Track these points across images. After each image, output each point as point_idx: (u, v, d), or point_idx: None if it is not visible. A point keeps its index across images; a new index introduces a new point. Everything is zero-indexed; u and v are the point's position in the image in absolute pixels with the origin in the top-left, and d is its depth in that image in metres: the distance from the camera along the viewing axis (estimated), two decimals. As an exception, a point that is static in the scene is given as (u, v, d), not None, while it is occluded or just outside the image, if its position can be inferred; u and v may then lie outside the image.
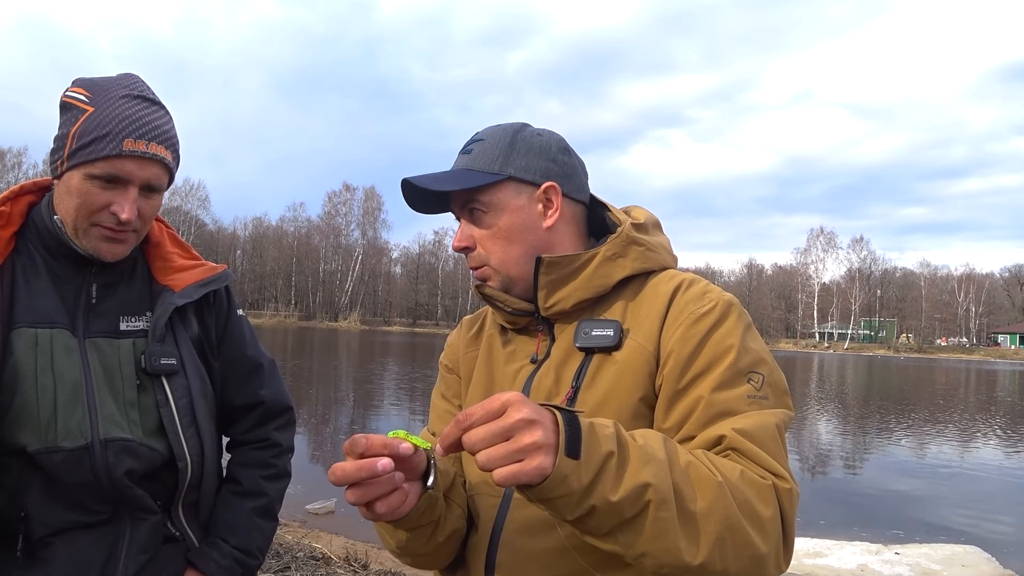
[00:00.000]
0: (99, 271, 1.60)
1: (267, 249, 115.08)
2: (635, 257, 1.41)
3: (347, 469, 1.07)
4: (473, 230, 1.42)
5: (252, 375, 1.81)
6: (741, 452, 1.17)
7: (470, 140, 1.44)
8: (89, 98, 1.50)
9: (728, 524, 1.08)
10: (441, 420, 1.56)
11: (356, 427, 14.38)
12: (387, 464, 1.05)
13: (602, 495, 1.01)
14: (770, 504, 1.14)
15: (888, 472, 12.07)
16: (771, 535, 1.13)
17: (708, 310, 1.31)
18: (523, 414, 0.97)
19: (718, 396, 1.23)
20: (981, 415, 21.84)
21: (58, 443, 1.47)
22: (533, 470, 0.96)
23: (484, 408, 0.99)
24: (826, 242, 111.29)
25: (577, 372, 1.35)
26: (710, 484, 1.09)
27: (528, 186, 1.41)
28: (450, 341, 1.65)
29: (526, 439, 0.96)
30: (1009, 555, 7.17)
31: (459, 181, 1.38)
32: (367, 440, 1.08)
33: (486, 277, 1.43)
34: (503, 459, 0.96)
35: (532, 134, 1.44)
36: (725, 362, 1.25)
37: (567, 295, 1.38)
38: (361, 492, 1.09)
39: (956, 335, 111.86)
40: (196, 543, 1.68)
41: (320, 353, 38.55)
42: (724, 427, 1.20)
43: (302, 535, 5.75)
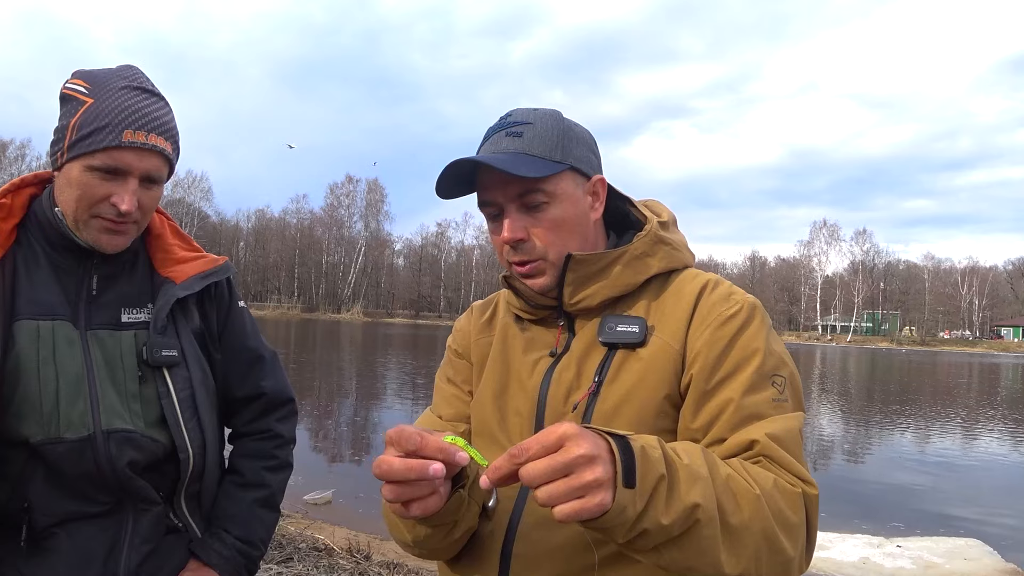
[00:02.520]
0: (100, 263, 1.60)
1: (270, 241, 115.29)
2: (662, 256, 1.41)
3: (395, 467, 1.04)
4: (527, 221, 1.35)
5: (253, 367, 1.82)
6: (772, 458, 1.20)
7: (512, 122, 1.37)
8: (88, 90, 1.50)
9: (765, 535, 1.11)
10: (448, 404, 1.53)
11: (359, 419, 14.41)
12: (439, 470, 1.02)
13: (654, 519, 1.01)
14: (799, 511, 1.17)
15: (889, 465, 12.08)
16: (799, 540, 1.16)
17: (735, 312, 1.32)
18: (583, 450, 0.95)
19: (747, 400, 1.24)
20: (983, 408, 21.82)
21: (60, 434, 1.48)
22: (595, 507, 0.95)
23: (540, 443, 0.96)
24: (829, 234, 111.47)
25: (600, 366, 1.34)
26: (749, 497, 1.11)
27: (582, 178, 1.38)
28: (460, 325, 1.62)
29: (587, 476, 0.95)
30: (1011, 548, 7.17)
31: (532, 167, 1.30)
32: (421, 439, 1.04)
33: (539, 272, 1.38)
34: (565, 496, 0.94)
35: (573, 123, 1.41)
36: (752, 365, 1.27)
37: (594, 292, 1.37)
38: (401, 491, 1.07)
39: (959, 328, 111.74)
40: (199, 534, 1.68)
41: (323, 345, 38.60)
42: (755, 432, 1.22)
43: (304, 526, 5.76)
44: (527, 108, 1.40)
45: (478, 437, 1.44)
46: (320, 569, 4.57)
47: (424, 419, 1.55)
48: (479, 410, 1.46)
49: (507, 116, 1.39)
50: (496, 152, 1.34)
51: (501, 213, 1.36)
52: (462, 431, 1.47)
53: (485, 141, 1.38)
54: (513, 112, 1.40)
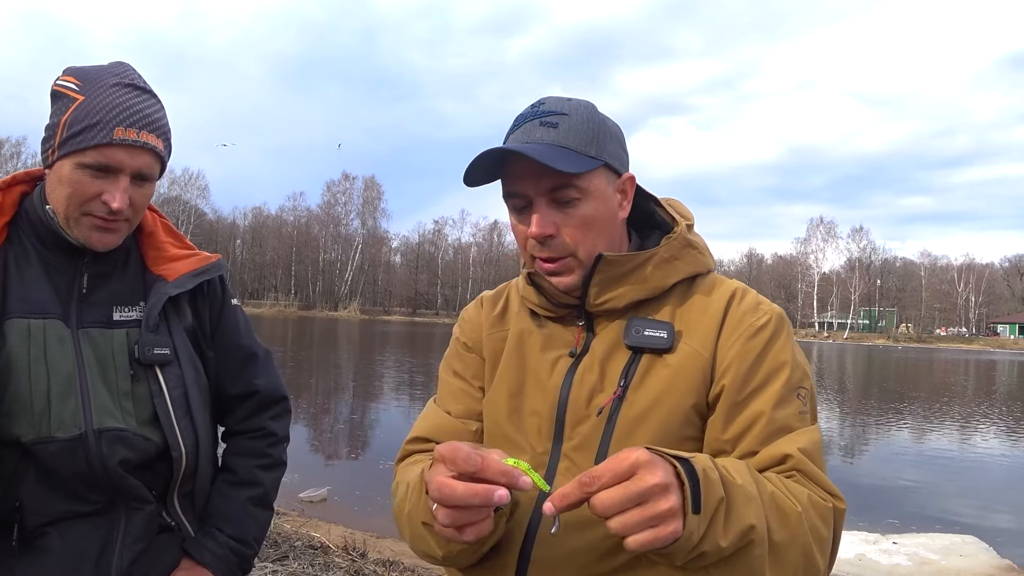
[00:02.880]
0: (92, 261, 1.59)
1: (267, 239, 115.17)
2: (689, 260, 1.39)
3: (458, 492, 1.00)
4: (557, 216, 1.30)
5: (246, 365, 1.81)
6: (805, 473, 1.21)
7: (546, 111, 1.31)
8: (79, 87, 1.49)
9: (804, 551, 1.13)
10: (456, 399, 1.49)
11: (355, 416, 14.40)
12: (504, 497, 0.98)
13: (714, 541, 1.01)
14: (829, 525, 1.19)
15: (885, 461, 12.10)
16: (827, 553, 1.19)
17: (765, 323, 1.32)
18: (658, 478, 0.94)
19: (777, 413, 1.25)
20: (979, 406, 21.86)
21: (52, 433, 1.47)
22: (668, 536, 0.95)
23: (612, 471, 0.95)
24: (826, 232, 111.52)
25: (625, 370, 1.32)
26: (792, 515, 1.12)
27: (613, 175, 1.35)
28: (469, 317, 1.57)
29: (662, 505, 0.94)
30: (1006, 545, 7.19)
31: (569, 162, 1.25)
32: (483, 460, 1.00)
33: (566, 270, 1.34)
34: (639, 526, 0.94)
35: (606, 117, 1.36)
36: (782, 378, 1.28)
37: (620, 295, 1.34)
38: (459, 516, 1.03)
39: (956, 325, 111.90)
40: (192, 533, 1.68)
41: (320, 343, 38.58)
42: (787, 446, 1.23)
43: (300, 524, 5.76)
44: (560, 97, 1.35)
45: (491, 437, 1.42)
46: (316, 567, 4.56)
47: (431, 415, 1.51)
48: (493, 409, 1.42)
49: (539, 104, 1.33)
50: (529, 142, 1.28)
51: (529, 206, 1.32)
52: (475, 429, 1.44)
53: (516, 128, 1.32)
54: (546, 100, 1.34)
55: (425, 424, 1.48)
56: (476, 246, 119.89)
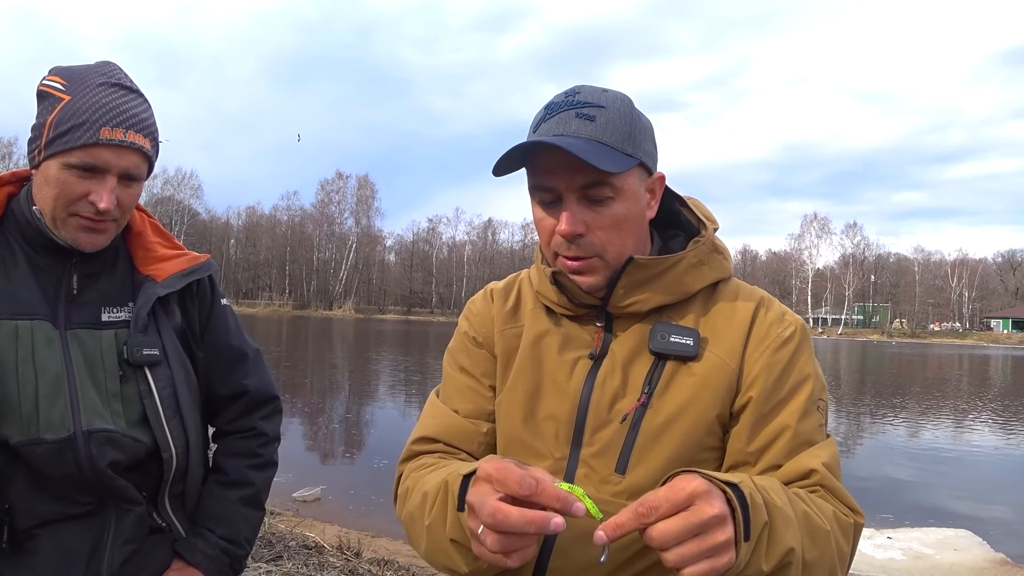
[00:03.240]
0: (80, 262, 1.58)
1: (261, 238, 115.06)
2: (715, 266, 1.37)
3: (512, 519, 0.94)
4: (587, 215, 1.25)
5: (236, 364, 1.80)
6: (829, 488, 1.21)
7: (582, 102, 1.25)
8: (65, 86, 1.49)
9: (831, 570, 1.13)
10: (464, 397, 1.44)
11: (350, 415, 14.37)
12: (560, 525, 0.92)
13: (757, 566, 1.01)
14: (850, 541, 1.20)
15: (878, 456, 12.12)
16: (846, 567, 1.19)
17: (791, 335, 1.32)
18: (716, 510, 0.93)
19: (802, 426, 1.26)
20: (972, 401, 21.92)
21: (40, 435, 1.46)
22: (723, 567, 0.94)
23: (670, 501, 0.93)
24: (820, 228, 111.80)
25: (649, 376, 1.29)
26: (822, 534, 1.13)
27: (646, 174, 1.30)
28: (478, 309, 1.51)
29: (720, 537, 0.93)
30: (1000, 538, 7.21)
31: (609, 159, 1.20)
32: (537, 484, 0.95)
33: (591, 270, 1.29)
34: (696, 558, 0.92)
35: (640, 112, 1.31)
36: (805, 392, 1.28)
37: (646, 298, 1.31)
38: (509, 542, 0.97)
39: (949, 320, 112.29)
40: (183, 534, 1.67)
41: (315, 342, 38.53)
42: (812, 460, 1.23)
43: (294, 524, 5.75)
44: (595, 87, 1.29)
45: (507, 440, 1.38)
46: (310, 567, 4.55)
47: (436, 412, 1.45)
48: (507, 411, 1.38)
49: (575, 93, 1.27)
50: (565, 134, 1.22)
51: (558, 200, 1.26)
52: (486, 431, 1.40)
53: (549, 117, 1.26)
54: (581, 89, 1.28)
55: (432, 423, 1.43)
56: (471, 244, 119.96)
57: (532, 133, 1.29)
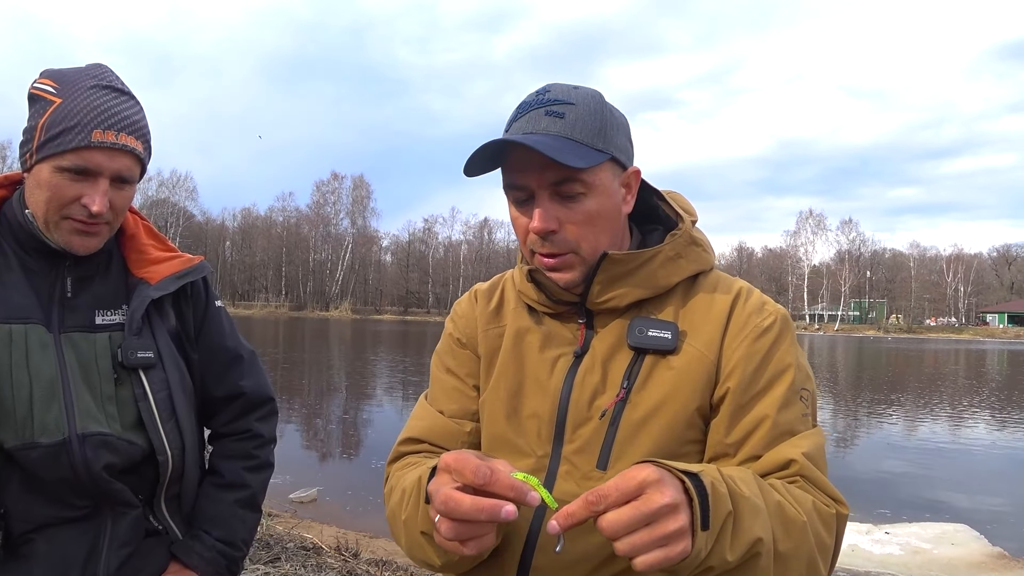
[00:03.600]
0: (73, 265, 1.58)
1: (256, 240, 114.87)
2: (694, 259, 1.36)
3: (464, 506, 0.97)
4: (560, 211, 1.25)
5: (232, 366, 1.80)
6: (809, 478, 1.20)
7: (552, 100, 1.26)
8: (57, 89, 1.48)
9: (808, 560, 1.12)
10: (449, 398, 1.45)
11: (347, 416, 14.37)
12: (512, 513, 0.94)
13: (721, 556, 1.00)
14: (833, 532, 1.18)
15: (876, 452, 12.14)
16: (829, 559, 1.17)
17: (770, 324, 1.31)
18: (667, 499, 0.92)
19: (782, 417, 1.24)
20: (968, 395, 21.96)
21: (35, 439, 1.46)
22: (677, 556, 0.93)
23: (619, 490, 0.93)
24: (815, 224, 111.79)
25: (628, 371, 1.29)
26: (797, 525, 1.11)
27: (619, 169, 1.30)
28: (463, 311, 1.53)
29: (671, 526, 0.92)
30: (998, 532, 7.22)
31: (577, 155, 1.20)
32: (491, 473, 0.97)
33: (567, 266, 1.30)
34: (648, 547, 0.92)
35: (613, 107, 1.32)
36: (786, 381, 1.27)
37: (623, 293, 1.31)
38: (462, 530, 1.00)
39: (945, 315, 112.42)
40: (179, 536, 1.67)
41: (311, 343, 38.50)
42: (791, 450, 1.21)
43: (292, 525, 5.75)
44: (566, 85, 1.29)
45: (491, 439, 1.39)
46: (308, 568, 4.55)
47: (424, 413, 1.47)
48: (490, 410, 1.39)
49: (544, 91, 1.28)
50: (534, 132, 1.23)
51: (531, 199, 1.27)
52: (469, 430, 1.42)
53: (520, 116, 1.27)
54: (551, 88, 1.28)
55: (418, 424, 1.45)
56: (467, 244, 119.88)
57: (505, 133, 1.29)
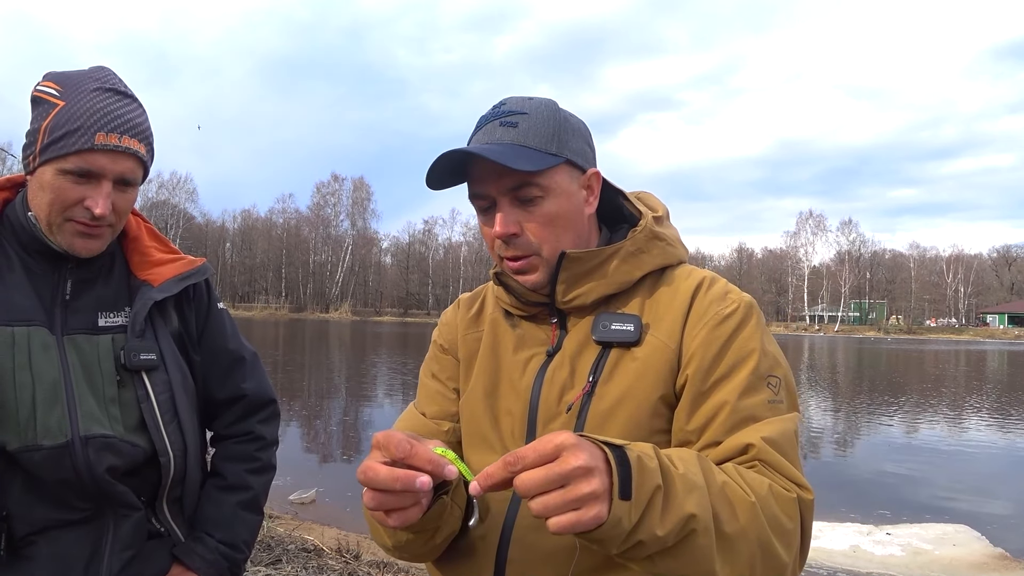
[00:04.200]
0: (76, 267, 1.58)
1: (256, 241, 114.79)
2: (656, 253, 1.39)
3: (380, 475, 1.01)
4: (520, 215, 1.31)
5: (234, 368, 1.80)
6: (767, 463, 1.19)
7: (506, 111, 1.32)
8: (60, 92, 1.49)
9: (760, 543, 1.10)
10: (431, 401, 1.51)
11: (348, 418, 14.37)
12: (426, 483, 0.98)
13: (650, 530, 0.99)
14: (794, 517, 1.16)
15: (877, 453, 12.14)
16: (793, 545, 1.15)
17: (731, 311, 1.31)
18: (581, 461, 0.93)
19: (742, 402, 1.23)
20: (969, 396, 21.95)
21: (38, 441, 1.46)
22: (591, 520, 0.93)
23: (536, 451, 0.94)
24: (815, 225, 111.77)
25: (594, 365, 1.32)
26: (745, 505, 1.10)
27: (577, 171, 1.35)
28: (446, 319, 1.59)
29: (584, 488, 0.93)
30: (999, 533, 7.22)
31: (527, 160, 1.26)
32: (411, 447, 1.01)
33: (532, 268, 1.34)
34: (560, 508, 0.93)
35: (569, 114, 1.37)
36: (748, 367, 1.26)
37: (587, 291, 1.35)
38: (383, 499, 1.04)
39: (945, 316, 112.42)
40: (181, 538, 1.67)
41: (312, 345, 38.48)
42: (751, 435, 1.21)
43: (293, 527, 5.74)
44: (521, 97, 1.35)
45: (469, 437, 1.42)
46: (309, 570, 4.55)
47: (407, 416, 1.53)
48: (469, 409, 1.43)
49: (501, 105, 1.35)
50: (490, 143, 1.29)
51: (493, 206, 1.32)
52: (446, 429, 1.45)
53: (478, 130, 1.33)
54: (507, 101, 1.35)
55: (400, 426, 1.49)
56: (467, 245, 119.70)
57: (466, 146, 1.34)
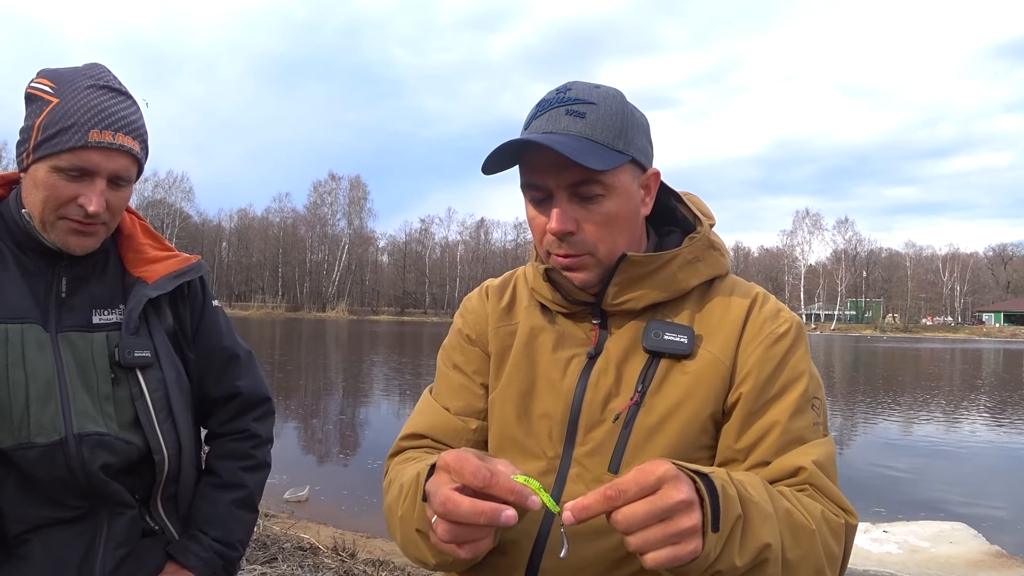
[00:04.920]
0: (70, 264, 1.58)
1: (253, 241, 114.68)
2: (711, 263, 1.35)
3: (463, 509, 0.94)
4: (578, 212, 1.24)
5: (228, 366, 1.80)
6: (818, 487, 1.18)
7: (573, 99, 1.24)
8: (54, 89, 1.48)
9: (816, 570, 1.10)
10: (456, 395, 1.43)
11: (344, 417, 14.35)
12: (512, 518, 0.92)
13: (729, 560, 0.98)
14: (841, 542, 1.16)
15: (874, 451, 12.14)
16: (837, 569, 1.16)
17: (785, 331, 1.30)
18: (683, 495, 0.91)
19: (793, 424, 1.23)
20: (965, 393, 21.98)
21: (31, 439, 1.45)
22: (688, 555, 0.92)
23: (639, 484, 0.91)
24: (812, 224, 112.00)
25: (642, 375, 1.28)
26: (806, 532, 1.09)
27: (639, 170, 1.29)
28: (473, 307, 1.51)
29: (685, 523, 0.91)
30: (995, 531, 7.23)
31: (597, 157, 1.19)
32: (491, 476, 0.95)
33: (583, 266, 1.28)
34: (661, 542, 0.91)
35: (634, 107, 1.31)
36: (799, 389, 1.25)
37: (640, 295, 1.30)
38: (460, 532, 0.97)
39: (941, 314, 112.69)
40: (176, 536, 1.67)
41: (308, 344, 38.44)
42: (801, 458, 1.20)
43: (289, 526, 5.73)
44: (588, 83, 1.28)
45: (499, 439, 1.36)
46: (305, 568, 4.54)
47: (429, 410, 1.45)
48: (500, 410, 1.37)
49: (566, 89, 1.27)
50: (555, 131, 1.22)
51: (548, 198, 1.25)
52: (474, 428, 1.40)
53: (539, 113, 1.26)
54: (572, 86, 1.27)
55: (421, 420, 1.43)
56: (463, 244, 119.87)
57: (524, 130, 1.28)
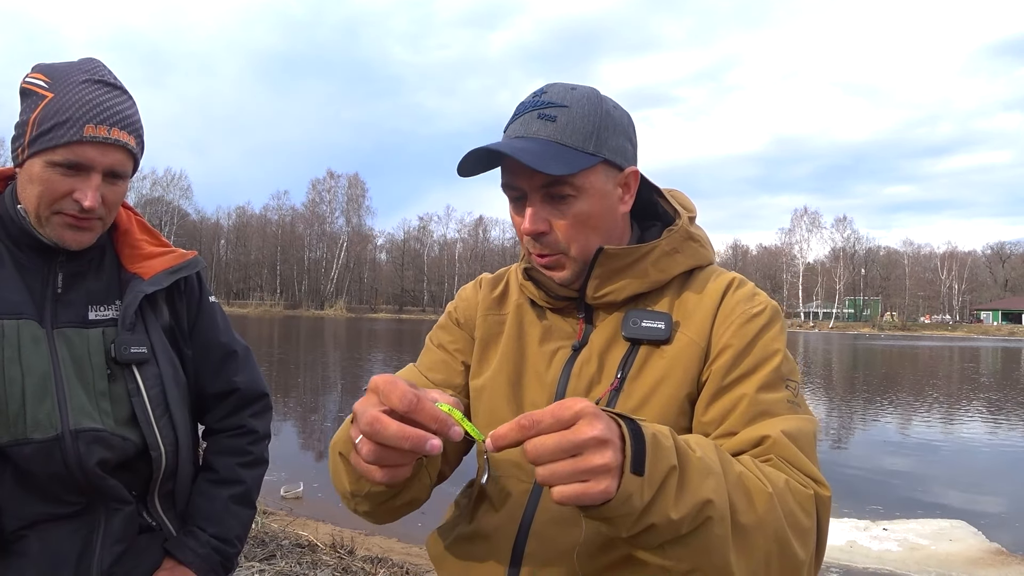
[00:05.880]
0: (66, 260, 1.57)
1: (251, 238, 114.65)
2: (690, 253, 1.39)
3: (390, 431, 0.93)
4: (551, 213, 1.29)
5: (226, 362, 1.79)
6: (784, 457, 1.16)
7: (544, 102, 1.28)
8: (49, 84, 1.48)
9: (776, 536, 1.06)
10: (435, 369, 1.48)
11: (343, 414, 14.34)
12: (436, 447, 0.92)
13: (663, 512, 0.96)
14: (811, 514, 1.13)
15: (873, 449, 12.16)
16: (809, 543, 1.12)
17: (759, 311, 1.32)
18: (597, 431, 0.90)
19: (762, 396, 1.23)
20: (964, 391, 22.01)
21: (27, 435, 1.45)
22: (598, 494, 0.90)
23: (554, 416, 0.91)
24: (810, 222, 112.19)
25: (623, 361, 1.31)
26: (762, 496, 1.06)
27: (614, 170, 1.32)
28: (466, 295, 1.56)
29: (596, 460, 0.90)
30: (995, 529, 7.23)
31: (561, 162, 1.22)
32: (417, 401, 0.93)
33: (558, 266, 1.33)
34: (568, 477, 0.90)
35: (612, 107, 1.33)
36: (771, 365, 1.26)
37: (620, 287, 1.34)
38: (381, 454, 0.96)
39: (939, 312, 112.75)
40: (173, 532, 1.66)
41: (306, 342, 38.45)
42: (768, 428, 1.19)
43: (287, 523, 5.73)
44: (564, 85, 1.31)
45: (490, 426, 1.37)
46: (304, 566, 4.54)
47: (407, 371, 1.50)
48: (491, 395, 1.41)
49: (541, 93, 1.30)
50: (526, 136, 1.26)
51: (524, 198, 1.30)
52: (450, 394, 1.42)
53: (515, 118, 1.30)
54: (548, 89, 1.31)
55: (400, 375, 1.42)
56: (462, 242, 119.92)
57: (503, 133, 1.32)
